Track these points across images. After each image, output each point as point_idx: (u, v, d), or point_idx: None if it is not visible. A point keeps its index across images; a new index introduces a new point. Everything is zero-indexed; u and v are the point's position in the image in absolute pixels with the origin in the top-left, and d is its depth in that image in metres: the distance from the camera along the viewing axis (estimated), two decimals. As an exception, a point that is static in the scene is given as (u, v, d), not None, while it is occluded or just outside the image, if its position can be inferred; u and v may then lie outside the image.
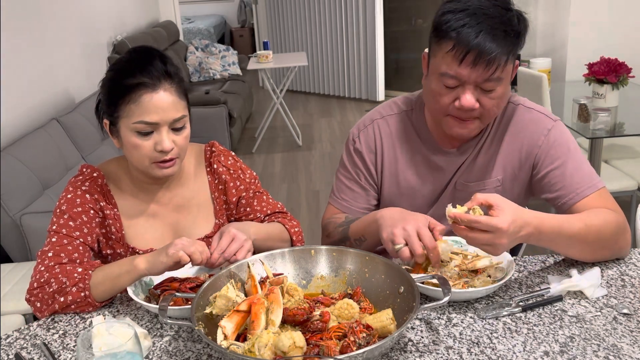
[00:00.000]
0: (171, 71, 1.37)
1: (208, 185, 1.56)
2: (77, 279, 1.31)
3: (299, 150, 5.49)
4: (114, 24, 5.07)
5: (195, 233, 1.53)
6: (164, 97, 1.34)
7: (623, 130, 3.02)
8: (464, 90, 1.32)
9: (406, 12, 6.91)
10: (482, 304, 1.25)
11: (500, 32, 1.27)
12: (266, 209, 1.60)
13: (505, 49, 1.28)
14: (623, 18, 4.08)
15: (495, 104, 1.35)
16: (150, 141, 1.36)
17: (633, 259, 1.41)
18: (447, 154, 1.50)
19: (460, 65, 1.29)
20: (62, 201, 1.43)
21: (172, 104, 1.35)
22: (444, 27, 1.30)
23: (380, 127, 1.54)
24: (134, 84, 1.33)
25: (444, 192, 1.52)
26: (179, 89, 1.38)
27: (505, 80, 1.33)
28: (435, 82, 1.36)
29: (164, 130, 1.35)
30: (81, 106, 3.71)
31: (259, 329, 1.06)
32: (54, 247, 1.37)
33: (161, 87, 1.34)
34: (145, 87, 1.33)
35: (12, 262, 2.71)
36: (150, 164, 1.39)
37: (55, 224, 1.41)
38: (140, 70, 1.34)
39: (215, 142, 1.60)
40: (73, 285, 1.31)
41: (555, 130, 1.44)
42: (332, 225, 1.55)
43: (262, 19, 7.90)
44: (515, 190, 1.51)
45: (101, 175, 1.47)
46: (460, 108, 1.34)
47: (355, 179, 1.57)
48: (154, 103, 1.33)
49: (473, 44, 1.26)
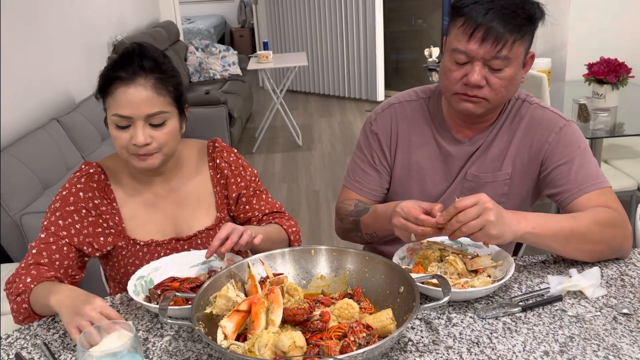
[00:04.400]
0: (147, 66, 1.37)
1: (210, 179, 1.58)
2: (20, 289, 1.33)
3: (299, 150, 5.49)
4: (114, 24, 5.07)
5: (195, 225, 1.55)
6: (138, 92, 1.36)
7: (623, 130, 3.02)
8: (473, 66, 1.36)
9: (406, 12, 6.91)
10: (482, 304, 1.25)
11: (510, 11, 1.32)
12: (265, 208, 1.61)
13: (514, 28, 1.32)
14: (623, 18, 4.08)
15: (503, 85, 1.37)
16: (127, 134, 1.38)
17: (633, 259, 1.41)
18: (459, 143, 1.53)
19: (469, 40, 1.34)
20: (58, 197, 1.47)
21: (147, 98, 1.36)
22: (458, 4, 1.36)
23: (397, 111, 1.59)
24: (112, 76, 1.37)
25: (454, 182, 1.54)
26: (157, 85, 1.38)
27: (515, 62, 1.36)
28: (447, 59, 1.41)
29: (140, 125, 1.37)
30: (81, 106, 3.71)
31: (259, 329, 1.06)
32: (39, 244, 1.42)
33: (135, 81, 1.36)
34: (120, 80, 1.36)
35: (12, 262, 2.70)
36: (129, 155, 1.41)
37: (47, 220, 1.45)
38: (120, 64, 1.37)
39: (218, 139, 1.63)
40: (16, 294, 1.33)
41: (566, 129, 1.46)
42: (343, 211, 1.60)
43: (262, 19, 7.90)
44: (524, 187, 1.52)
45: (99, 170, 1.50)
46: (467, 83, 1.37)
47: (370, 161, 1.60)
48: (126, 97, 1.36)
49: (482, 21, 1.31)
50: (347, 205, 1.59)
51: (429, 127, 1.56)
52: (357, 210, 1.54)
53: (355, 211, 1.55)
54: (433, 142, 1.56)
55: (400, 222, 1.28)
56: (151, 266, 1.39)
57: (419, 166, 1.57)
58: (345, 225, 1.58)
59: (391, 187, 1.62)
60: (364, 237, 1.55)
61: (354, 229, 1.55)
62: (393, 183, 1.61)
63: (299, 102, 7.22)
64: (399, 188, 1.60)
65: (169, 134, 1.41)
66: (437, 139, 1.55)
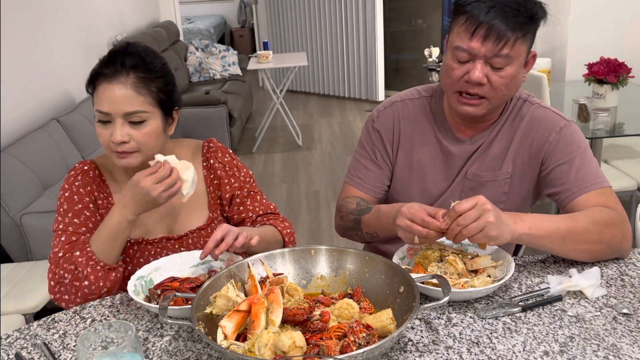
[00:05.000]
0: (129, 64, 1.39)
1: (203, 179, 1.58)
2: (83, 261, 1.37)
3: (299, 150, 5.49)
4: (114, 24, 5.07)
5: (188, 224, 1.55)
6: (117, 89, 1.38)
7: (623, 130, 3.02)
8: (474, 64, 1.36)
9: (406, 12, 6.91)
10: (482, 304, 1.25)
11: (512, 10, 1.32)
12: (259, 209, 1.61)
13: (516, 26, 1.32)
14: (623, 18, 4.08)
15: (504, 84, 1.37)
16: (107, 131, 1.40)
17: (633, 259, 1.41)
18: (460, 141, 1.53)
19: (472, 38, 1.34)
20: (62, 200, 1.47)
21: (126, 97, 1.38)
22: (461, 2, 1.37)
23: (399, 109, 1.59)
24: (96, 72, 1.40)
25: (455, 181, 1.54)
26: (137, 84, 1.39)
27: (516, 61, 1.36)
28: (449, 57, 1.41)
29: (118, 123, 1.39)
30: (81, 106, 3.71)
31: (259, 328, 1.06)
32: (63, 246, 1.42)
33: (117, 79, 1.38)
34: (103, 77, 1.39)
35: (12, 262, 2.71)
36: (111, 152, 1.43)
37: (61, 223, 1.45)
38: (105, 62, 1.40)
39: (213, 139, 1.63)
40: (85, 267, 1.36)
41: (567, 129, 1.46)
42: (345, 209, 1.59)
43: (262, 19, 7.90)
44: (524, 186, 1.52)
45: (93, 167, 1.52)
46: (468, 81, 1.37)
47: (372, 157, 1.61)
48: (106, 94, 1.38)
49: (484, 19, 1.32)
50: (349, 203, 1.59)
51: (430, 126, 1.56)
52: (359, 209, 1.54)
53: (357, 210, 1.55)
54: (434, 140, 1.56)
55: (406, 223, 1.27)
56: (151, 266, 1.39)
57: (420, 164, 1.57)
58: (346, 223, 1.58)
59: (392, 185, 1.62)
60: (364, 237, 1.55)
61: (355, 227, 1.55)
62: (394, 181, 1.61)
63: (299, 102, 7.22)
64: (399, 186, 1.60)
65: (148, 134, 1.41)
66: (439, 137, 1.55)
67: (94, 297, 1.39)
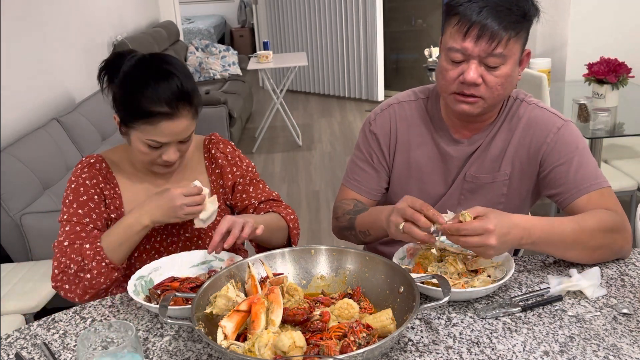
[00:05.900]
0: (189, 91, 1.39)
1: (205, 169, 1.61)
2: (91, 254, 1.39)
3: (299, 150, 5.49)
4: (114, 24, 5.07)
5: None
6: (182, 124, 1.40)
7: (623, 130, 3.02)
8: (469, 65, 1.35)
9: (406, 12, 6.90)
10: (482, 304, 1.25)
11: (504, 9, 1.31)
12: (261, 196, 1.63)
13: (509, 25, 1.31)
14: (623, 18, 4.08)
15: (499, 83, 1.37)
16: (157, 152, 1.43)
17: (633, 259, 1.41)
18: (458, 143, 1.52)
19: (465, 39, 1.33)
20: (68, 192, 1.50)
21: (187, 126, 1.42)
22: (452, 3, 1.37)
23: (396, 111, 1.59)
24: (154, 112, 1.36)
25: (454, 184, 1.54)
26: (194, 109, 1.43)
27: (510, 60, 1.36)
28: (443, 58, 1.40)
29: (173, 146, 1.43)
30: (81, 106, 3.72)
31: (259, 328, 1.06)
32: (68, 236, 1.44)
33: (180, 114, 1.39)
34: (165, 116, 1.37)
35: (12, 262, 2.71)
36: (152, 166, 1.47)
37: (66, 214, 1.47)
38: (161, 99, 1.35)
39: (215, 133, 1.67)
40: (91, 260, 1.38)
41: (565, 129, 1.46)
42: (341, 210, 1.60)
43: (262, 19, 7.90)
44: (523, 187, 1.52)
45: (99, 160, 1.54)
46: (463, 82, 1.37)
47: (368, 160, 1.60)
48: (171, 129, 1.39)
49: (476, 19, 1.31)
50: (346, 204, 1.59)
51: (427, 128, 1.56)
52: (356, 210, 1.54)
53: (353, 210, 1.55)
54: (432, 142, 1.55)
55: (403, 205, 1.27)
56: (151, 266, 1.39)
57: (418, 166, 1.57)
58: (341, 223, 1.58)
59: (390, 188, 1.62)
60: (358, 236, 1.54)
61: (349, 227, 1.55)
62: (392, 183, 1.61)
63: (299, 102, 7.22)
64: (398, 188, 1.60)
65: (190, 143, 1.49)
66: (436, 139, 1.55)
67: (92, 292, 1.40)
